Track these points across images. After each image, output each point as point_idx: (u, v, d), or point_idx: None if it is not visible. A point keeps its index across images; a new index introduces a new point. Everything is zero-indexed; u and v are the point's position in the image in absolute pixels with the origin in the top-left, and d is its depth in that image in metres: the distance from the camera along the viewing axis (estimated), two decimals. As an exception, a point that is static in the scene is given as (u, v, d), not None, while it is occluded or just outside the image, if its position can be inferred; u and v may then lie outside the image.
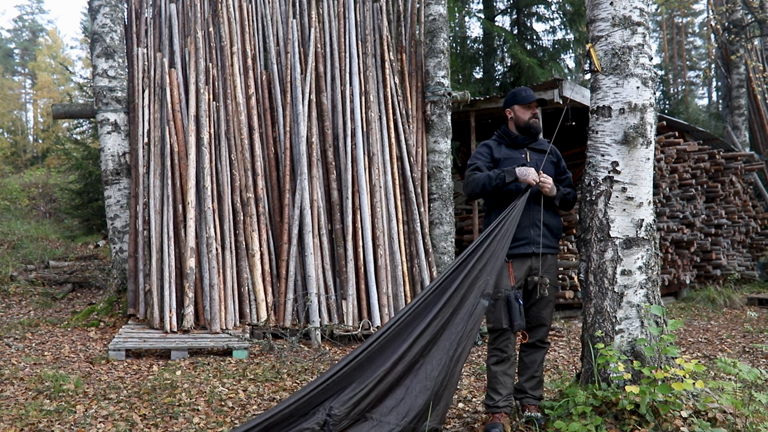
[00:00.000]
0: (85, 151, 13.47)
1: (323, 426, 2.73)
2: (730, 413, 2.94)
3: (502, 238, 3.14)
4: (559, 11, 13.88)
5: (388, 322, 3.00)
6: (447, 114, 7.26)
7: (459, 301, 3.04)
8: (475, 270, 3.07)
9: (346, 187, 6.60)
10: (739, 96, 13.79)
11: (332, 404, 2.76)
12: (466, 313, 3.03)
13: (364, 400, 2.81)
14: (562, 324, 6.99)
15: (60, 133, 22.63)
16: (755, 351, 5.53)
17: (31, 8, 37.47)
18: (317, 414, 2.76)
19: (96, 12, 6.91)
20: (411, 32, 7.43)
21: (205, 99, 6.45)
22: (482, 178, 3.28)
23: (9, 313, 7.25)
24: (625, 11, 3.27)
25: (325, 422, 2.73)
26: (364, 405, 2.82)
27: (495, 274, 3.12)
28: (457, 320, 3.02)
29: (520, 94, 3.45)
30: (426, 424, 2.90)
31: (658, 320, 3.20)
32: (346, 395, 2.80)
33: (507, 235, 3.15)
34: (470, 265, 3.07)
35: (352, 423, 2.79)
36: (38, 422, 3.50)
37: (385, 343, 2.93)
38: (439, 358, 2.96)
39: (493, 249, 3.11)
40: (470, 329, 3.03)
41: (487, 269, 3.09)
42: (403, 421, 2.84)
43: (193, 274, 5.97)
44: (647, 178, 3.26)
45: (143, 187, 6.45)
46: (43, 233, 13.68)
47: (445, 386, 2.97)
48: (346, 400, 2.79)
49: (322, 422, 2.74)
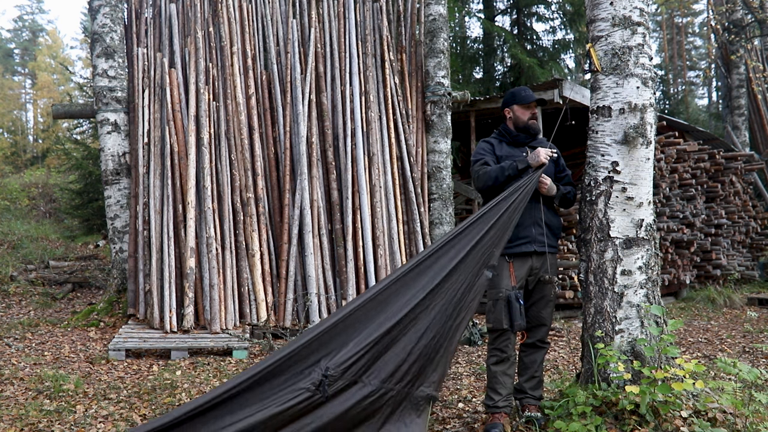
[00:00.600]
0: (85, 151, 13.47)
1: (318, 386, 2.67)
2: (730, 413, 2.94)
3: (513, 211, 3.07)
4: (559, 11, 13.89)
5: (388, 277, 2.92)
6: (447, 114, 7.26)
7: (463, 269, 2.96)
8: (483, 240, 2.99)
9: (346, 187, 6.60)
10: (739, 96, 13.79)
11: (328, 364, 2.70)
12: (469, 283, 2.97)
13: (359, 361, 2.75)
14: (562, 324, 6.99)
15: (60, 133, 22.63)
16: (755, 351, 5.53)
17: (31, 8, 37.47)
18: (313, 373, 2.70)
19: (96, 12, 6.91)
20: (411, 32, 7.43)
21: (205, 99, 6.45)
22: (495, 170, 3.25)
23: (9, 313, 7.25)
24: (625, 11, 3.27)
25: (321, 382, 2.67)
26: (359, 366, 2.75)
27: (502, 246, 3.06)
28: (460, 289, 2.95)
29: (519, 94, 3.45)
30: (421, 389, 2.88)
31: (658, 320, 3.20)
32: (342, 356, 2.73)
33: (518, 208, 3.09)
34: (479, 234, 2.99)
35: (346, 384, 2.74)
36: (38, 422, 3.50)
37: (384, 302, 2.85)
38: (440, 326, 2.90)
39: (504, 221, 3.04)
40: (471, 299, 2.98)
41: (494, 240, 3.03)
42: (398, 386, 2.82)
43: (193, 274, 5.97)
44: (647, 178, 3.26)
45: (143, 187, 6.44)
46: (43, 233, 13.68)
47: (443, 354, 2.93)
48: (342, 361, 2.72)
49: (317, 382, 2.68)
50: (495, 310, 3.20)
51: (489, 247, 3.02)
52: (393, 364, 2.82)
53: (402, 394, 2.84)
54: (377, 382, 2.79)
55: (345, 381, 2.73)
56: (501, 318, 3.17)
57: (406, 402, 2.86)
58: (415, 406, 2.89)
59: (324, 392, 2.68)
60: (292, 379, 2.70)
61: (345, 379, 2.73)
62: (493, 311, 3.21)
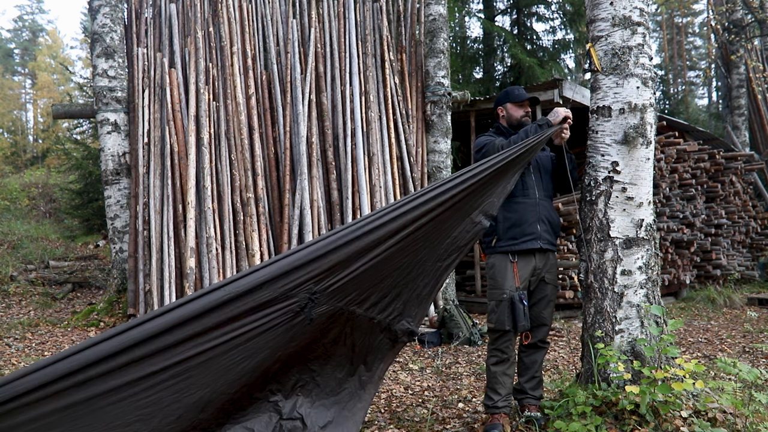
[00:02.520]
0: (85, 151, 13.48)
1: (303, 308, 2.55)
2: (730, 413, 2.94)
3: (516, 164, 3.01)
4: (559, 11, 13.90)
5: (380, 210, 2.76)
6: (447, 114, 7.26)
7: (461, 211, 2.90)
8: (484, 186, 2.92)
9: (346, 187, 6.60)
10: (739, 96, 13.79)
11: (315, 288, 2.56)
12: (464, 227, 2.93)
13: (345, 287, 2.64)
14: (562, 324, 6.99)
15: (60, 133, 22.64)
16: (755, 351, 5.53)
17: (31, 8, 37.50)
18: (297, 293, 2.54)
19: (96, 12, 6.91)
20: (411, 32, 7.43)
21: (205, 99, 6.45)
22: (516, 137, 3.16)
23: (9, 313, 7.25)
24: (625, 11, 3.27)
25: (306, 304, 2.56)
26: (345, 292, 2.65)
27: (502, 197, 3.02)
28: (456, 231, 2.91)
29: (512, 93, 3.47)
30: (402, 323, 2.90)
31: (658, 320, 3.20)
32: (330, 281, 2.59)
33: (522, 164, 3.04)
34: (479, 178, 2.89)
35: (330, 311, 2.65)
36: (38, 422, 3.49)
37: (374, 233, 2.68)
38: (428, 265, 2.87)
39: (507, 172, 2.99)
40: (464, 243, 2.94)
41: (495, 190, 2.98)
42: (380, 315, 2.81)
43: (193, 274, 5.97)
44: (647, 178, 3.26)
45: (143, 187, 6.45)
46: (43, 233, 13.68)
47: (428, 293, 2.92)
48: (329, 285, 2.59)
49: (302, 304, 2.55)
50: (498, 310, 3.19)
51: (489, 196, 2.96)
52: (378, 295, 2.79)
53: (383, 324, 2.83)
54: (361, 310, 2.76)
55: (330, 307, 2.63)
56: (504, 319, 3.17)
57: (386, 332, 2.87)
58: (393, 338, 2.90)
59: (309, 315, 2.58)
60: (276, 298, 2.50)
61: (330, 305, 2.63)
62: (496, 312, 3.20)
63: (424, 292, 2.92)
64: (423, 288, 2.91)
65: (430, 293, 2.95)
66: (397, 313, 2.87)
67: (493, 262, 3.29)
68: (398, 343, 2.93)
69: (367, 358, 2.92)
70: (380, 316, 2.82)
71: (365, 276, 2.70)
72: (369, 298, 2.77)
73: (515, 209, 3.27)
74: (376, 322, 2.82)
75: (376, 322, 2.82)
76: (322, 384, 2.84)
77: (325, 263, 2.57)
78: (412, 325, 2.92)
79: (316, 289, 2.58)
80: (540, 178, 3.37)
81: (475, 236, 3.01)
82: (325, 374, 2.84)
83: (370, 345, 2.88)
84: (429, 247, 2.87)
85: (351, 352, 2.87)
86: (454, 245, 2.94)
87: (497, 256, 3.28)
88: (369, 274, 2.70)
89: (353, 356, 2.88)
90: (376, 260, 2.69)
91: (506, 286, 3.19)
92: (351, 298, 2.70)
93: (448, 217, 2.87)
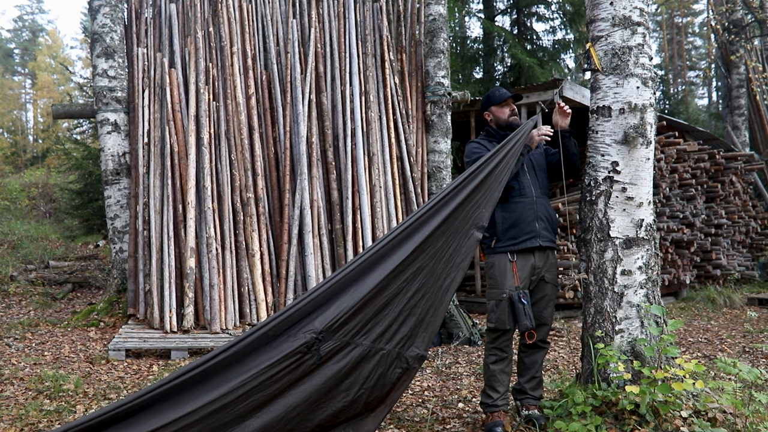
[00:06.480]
0: (85, 151, 13.48)
1: (310, 347, 2.63)
2: (730, 413, 2.94)
3: (501, 171, 3.05)
4: (559, 11, 13.90)
5: (377, 242, 2.88)
6: (447, 114, 7.26)
7: (451, 229, 2.95)
8: (471, 200, 2.98)
9: (346, 187, 6.60)
10: (739, 96, 13.79)
11: (320, 327, 2.65)
12: (458, 244, 2.96)
13: (350, 322, 2.72)
14: (562, 324, 6.99)
15: (60, 133, 22.64)
16: (755, 351, 5.53)
17: (31, 8, 37.51)
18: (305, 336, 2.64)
19: (96, 12, 6.91)
20: (411, 32, 7.43)
21: (205, 99, 6.45)
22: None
23: (9, 313, 7.25)
24: (625, 11, 3.27)
25: (313, 344, 2.63)
26: (350, 327, 2.73)
27: (491, 207, 3.06)
28: (449, 250, 2.95)
29: (493, 95, 3.48)
30: (412, 349, 2.89)
31: (658, 320, 3.20)
32: (333, 317, 2.68)
33: (506, 169, 3.07)
34: (465, 194, 2.96)
35: (338, 345, 2.71)
36: (38, 422, 3.50)
37: (374, 264, 2.81)
38: (429, 287, 2.90)
39: (492, 181, 3.03)
40: (461, 260, 2.97)
41: (483, 201, 3.01)
42: (388, 345, 2.82)
43: (193, 274, 5.97)
44: (647, 178, 3.26)
45: (143, 187, 6.45)
46: (43, 233, 13.69)
47: (433, 315, 2.93)
48: (333, 322, 2.68)
49: (309, 344, 2.63)
50: (498, 310, 3.20)
51: (477, 208, 3.00)
52: (383, 325, 2.82)
53: (393, 354, 2.84)
54: (368, 342, 2.78)
55: (337, 342, 2.70)
56: (504, 318, 3.17)
57: (397, 361, 2.87)
58: (404, 366, 2.90)
59: (317, 354, 2.64)
60: (284, 344, 2.62)
61: (337, 341, 2.69)
62: (496, 311, 3.20)
63: (429, 315, 2.93)
64: (428, 311, 2.92)
65: (435, 315, 2.95)
66: (405, 341, 2.88)
67: (492, 262, 3.29)
68: (410, 370, 2.92)
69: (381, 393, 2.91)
70: (388, 346, 2.83)
71: (368, 308, 2.77)
72: (374, 329, 2.80)
73: (513, 209, 3.27)
74: (386, 354, 2.83)
75: (385, 353, 2.83)
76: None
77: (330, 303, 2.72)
78: (421, 349, 2.92)
79: (321, 329, 2.66)
80: (535, 176, 3.37)
81: (471, 251, 3.04)
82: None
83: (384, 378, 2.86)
84: (429, 272, 2.92)
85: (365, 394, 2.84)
86: (452, 264, 2.97)
87: (496, 255, 3.28)
88: (372, 307, 2.78)
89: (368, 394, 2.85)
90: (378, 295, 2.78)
91: (506, 286, 3.20)
92: (355, 331, 2.76)
93: (444, 240, 2.94)
